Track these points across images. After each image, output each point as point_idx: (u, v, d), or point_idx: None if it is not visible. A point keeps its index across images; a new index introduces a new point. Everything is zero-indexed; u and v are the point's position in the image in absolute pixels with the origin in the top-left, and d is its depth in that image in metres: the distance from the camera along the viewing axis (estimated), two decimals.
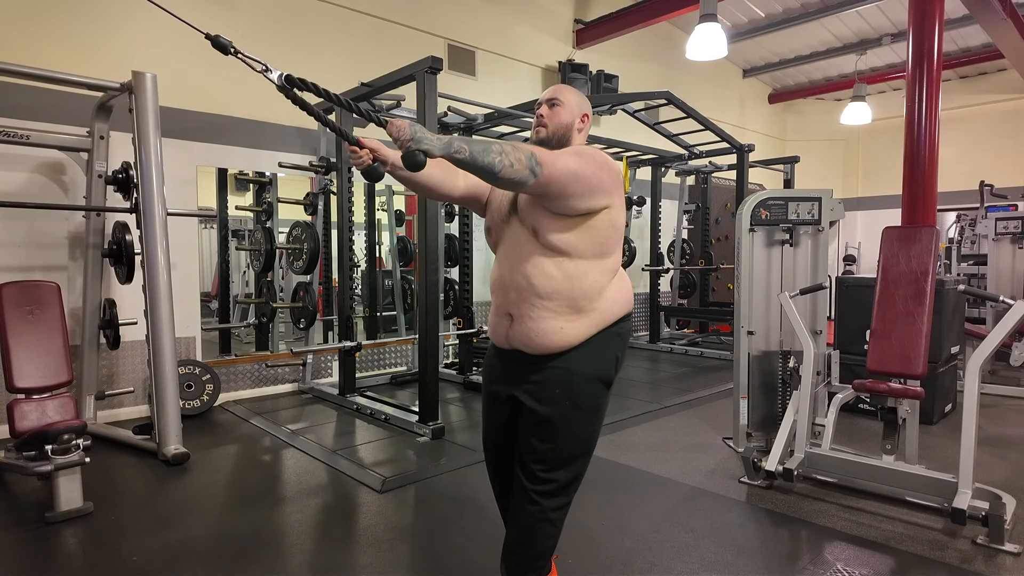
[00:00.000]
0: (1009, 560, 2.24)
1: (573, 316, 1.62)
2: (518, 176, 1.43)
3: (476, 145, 1.40)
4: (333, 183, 4.81)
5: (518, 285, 1.65)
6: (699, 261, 7.60)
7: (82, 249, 3.91)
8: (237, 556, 2.31)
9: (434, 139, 1.35)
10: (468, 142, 1.39)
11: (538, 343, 1.63)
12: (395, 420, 4.00)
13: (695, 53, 5.43)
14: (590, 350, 1.64)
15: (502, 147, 1.42)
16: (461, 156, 1.38)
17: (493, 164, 1.40)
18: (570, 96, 1.75)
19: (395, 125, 1.35)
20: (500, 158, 1.40)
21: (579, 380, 1.64)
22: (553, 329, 1.61)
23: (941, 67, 4.88)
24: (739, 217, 3.35)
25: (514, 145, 1.46)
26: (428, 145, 1.34)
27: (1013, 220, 5.41)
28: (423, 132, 1.35)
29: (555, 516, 1.66)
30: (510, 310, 1.68)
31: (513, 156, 1.42)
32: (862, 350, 3.09)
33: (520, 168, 1.43)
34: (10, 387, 2.95)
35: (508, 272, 1.68)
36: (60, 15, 3.95)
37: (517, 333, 1.66)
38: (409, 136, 1.33)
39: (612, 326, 1.67)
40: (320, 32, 5.13)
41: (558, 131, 1.73)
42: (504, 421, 1.76)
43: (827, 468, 2.83)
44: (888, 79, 9.50)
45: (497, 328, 1.73)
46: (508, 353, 1.72)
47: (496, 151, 1.41)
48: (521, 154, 1.43)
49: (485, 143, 1.42)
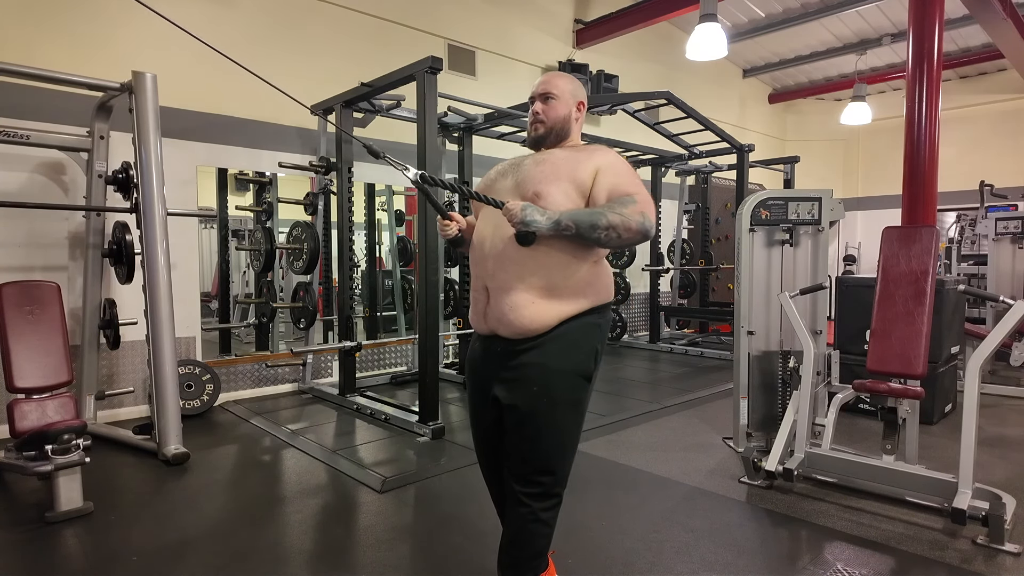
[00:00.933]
0: (1009, 560, 2.24)
1: (545, 291, 1.61)
2: (629, 243, 1.59)
3: (584, 221, 1.53)
4: (333, 183, 4.81)
5: (495, 251, 1.65)
6: (699, 261, 7.60)
7: (82, 249, 3.91)
8: (237, 556, 2.31)
9: (544, 220, 1.52)
10: (575, 219, 1.53)
11: (511, 319, 1.62)
12: (395, 420, 4.00)
13: (695, 53, 5.43)
14: (566, 342, 1.63)
15: (608, 220, 1.52)
16: (568, 234, 1.55)
17: (599, 239, 1.55)
18: (563, 85, 1.74)
19: (509, 210, 1.53)
20: (607, 233, 1.53)
21: (556, 375, 1.63)
22: (524, 302, 1.61)
23: (941, 67, 4.88)
24: (739, 217, 3.35)
25: (620, 213, 1.53)
26: (537, 227, 1.53)
27: (1013, 220, 5.41)
28: (533, 215, 1.52)
29: (546, 516, 1.66)
30: (486, 282, 1.68)
31: (622, 227, 1.53)
32: (862, 350, 3.09)
33: (631, 236, 1.55)
34: (10, 387, 2.95)
35: (488, 238, 1.69)
36: (60, 15, 3.95)
37: (493, 309, 1.66)
38: (520, 220, 1.52)
39: (587, 314, 1.66)
40: (320, 32, 5.13)
41: (556, 125, 1.73)
42: (491, 424, 1.76)
43: (827, 468, 2.83)
44: (888, 79, 9.50)
45: (476, 306, 1.74)
46: (488, 343, 1.72)
47: (603, 227, 1.52)
48: (631, 221, 1.53)
49: (593, 217, 1.53)
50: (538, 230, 1.52)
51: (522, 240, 1.57)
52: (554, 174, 1.64)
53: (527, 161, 1.74)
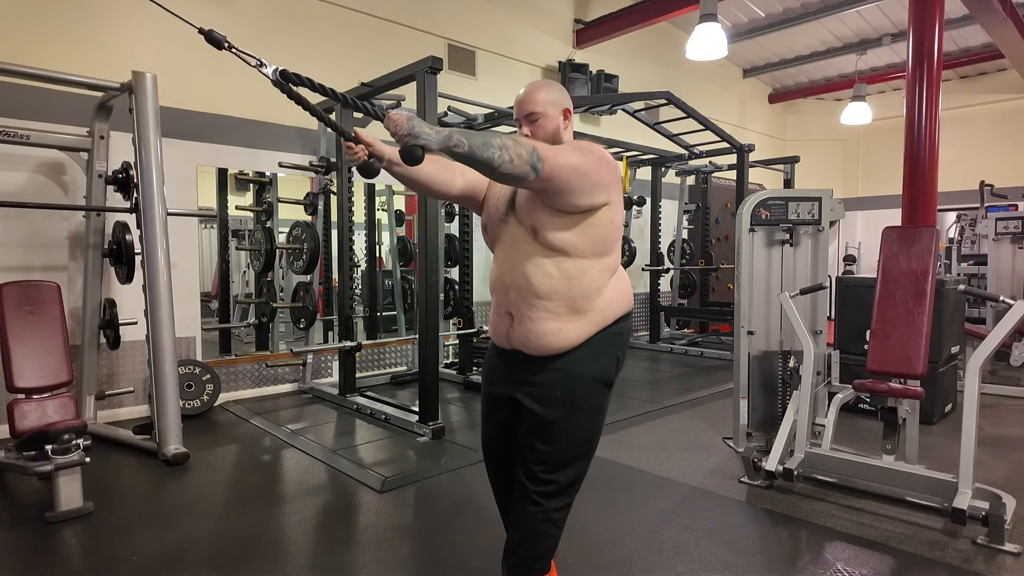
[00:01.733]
0: (1009, 560, 2.24)
1: (572, 317, 1.61)
2: (519, 171, 1.41)
3: (476, 139, 1.37)
4: (333, 183, 4.81)
5: (517, 284, 1.64)
6: (699, 261, 7.60)
7: (82, 249, 3.91)
8: (237, 556, 2.31)
9: (432, 133, 1.33)
10: (468, 135, 1.37)
11: (538, 344, 1.62)
12: (395, 420, 4.00)
13: (695, 53, 5.43)
14: (590, 351, 1.64)
15: (503, 141, 1.39)
16: (460, 150, 1.35)
17: (493, 158, 1.37)
18: (543, 98, 1.67)
19: (393, 119, 1.33)
20: (500, 153, 1.37)
21: (580, 382, 1.63)
22: (552, 330, 1.60)
23: (941, 67, 4.88)
24: (739, 217, 3.35)
25: (515, 139, 1.43)
26: (426, 139, 1.32)
27: (1013, 220, 5.41)
28: (421, 126, 1.32)
29: (556, 516, 1.66)
30: (510, 309, 1.67)
31: (514, 151, 1.39)
32: (862, 350, 3.09)
33: (521, 163, 1.40)
34: (10, 387, 2.95)
35: (508, 271, 1.67)
36: (60, 15, 3.95)
37: (517, 333, 1.65)
38: (407, 131, 1.31)
39: (612, 326, 1.66)
40: (320, 32, 5.13)
41: (546, 142, 1.69)
42: (503, 421, 1.75)
43: (827, 468, 2.83)
44: (888, 79, 9.50)
45: (498, 327, 1.72)
46: (509, 353, 1.71)
47: (497, 145, 1.38)
48: (522, 149, 1.41)
49: (485, 136, 1.39)
50: (427, 143, 1.33)
51: (407, 156, 1.34)
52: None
53: None
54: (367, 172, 1.54)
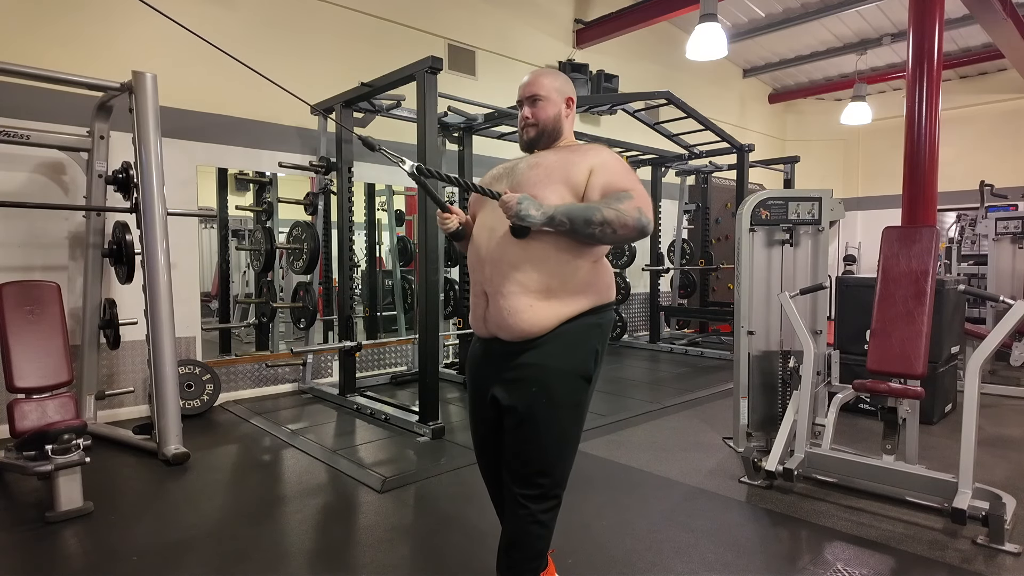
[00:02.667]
0: (1009, 560, 2.24)
1: (543, 294, 1.61)
2: (626, 239, 1.58)
3: (578, 216, 1.52)
4: (333, 183, 4.81)
5: (492, 257, 1.65)
6: (699, 261, 7.60)
7: (82, 249, 3.91)
8: (237, 556, 2.31)
9: (537, 215, 1.52)
10: (570, 214, 1.53)
11: (510, 323, 1.61)
12: (395, 420, 4.00)
13: (695, 53, 5.43)
14: (566, 342, 1.62)
15: (603, 216, 1.52)
16: (563, 229, 1.55)
17: (594, 235, 1.54)
18: (548, 83, 1.72)
19: (506, 202, 1.53)
20: (602, 229, 1.53)
21: (556, 376, 1.62)
22: (522, 307, 1.60)
23: (941, 67, 4.88)
24: (739, 217, 3.35)
25: (617, 209, 1.53)
26: (532, 222, 1.53)
27: (1013, 220, 5.41)
28: (527, 209, 1.51)
29: (544, 518, 1.66)
30: (485, 287, 1.68)
31: (618, 223, 1.53)
32: (862, 350, 3.09)
33: (627, 232, 1.55)
34: (10, 387, 2.95)
35: (484, 243, 1.68)
36: (61, 15, 3.95)
37: (492, 314, 1.66)
38: (515, 212, 1.51)
39: (588, 314, 1.65)
40: (320, 32, 5.13)
41: (547, 127, 1.72)
42: (490, 421, 1.75)
43: (827, 468, 2.83)
44: (888, 79, 9.50)
45: (475, 311, 1.74)
46: (487, 344, 1.72)
47: (598, 222, 1.52)
48: (627, 217, 1.53)
49: (588, 213, 1.52)
50: (532, 225, 1.53)
51: (516, 233, 1.58)
52: (547, 177, 1.62)
53: (521, 165, 1.72)
54: (457, 238, 1.81)
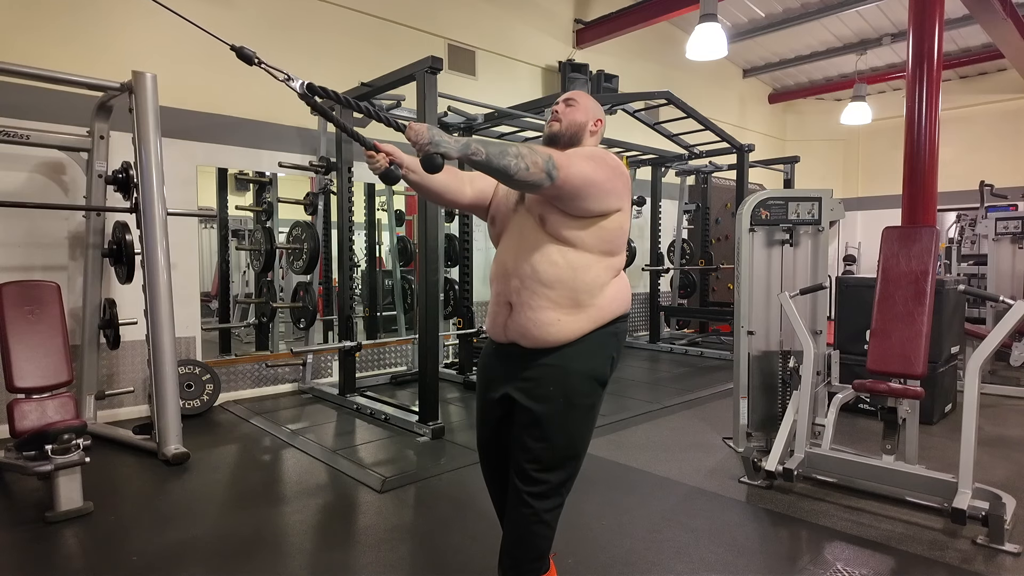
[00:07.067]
0: (1009, 560, 2.24)
1: (571, 309, 1.62)
2: (534, 179, 1.47)
3: (493, 147, 1.43)
4: (333, 183, 4.81)
5: (521, 272, 1.65)
6: (699, 261, 7.60)
7: (82, 249, 3.91)
8: (237, 556, 2.31)
9: (451, 142, 1.40)
10: (485, 144, 1.43)
11: (535, 335, 1.62)
12: (395, 420, 4.00)
13: (695, 53, 5.43)
14: (585, 347, 1.65)
15: (519, 149, 1.45)
16: (478, 158, 1.42)
17: (509, 166, 1.43)
18: (587, 99, 1.79)
19: (414, 129, 1.40)
20: (516, 161, 1.44)
21: (574, 378, 1.64)
22: (551, 320, 1.61)
23: (941, 67, 4.87)
24: (739, 217, 3.35)
25: (531, 147, 1.49)
26: (446, 148, 1.39)
27: (1013, 220, 5.41)
28: (440, 136, 1.39)
29: (548, 517, 1.66)
30: (510, 298, 1.67)
31: (530, 159, 1.45)
32: (862, 350, 3.09)
33: (536, 171, 1.46)
34: (10, 387, 2.94)
35: (511, 259, 1.68)
36: (61, 15, 3.95)
37: (515, 323, 1.66)
38: (427, 140, 1.38)
39: (609, 325, 1.68)
40: (320, 32, 5.13)
41: (570, 128, 1.75)
42: (498, 421, 1.76)
43: (827, 468, 2.83)
44: (888, 79, 9.50)
45: (495, 318, 1.73)
46: (504, 348, 1.72)
47: (513, 154, 1.44)
48: (538, 157, 1.47)
49: (502, 146, 1.45)
50: (446, 151, 1.39)
51: (428, 164, 1.40)
52: None
53: None
54: (388, 179, 1.60)
